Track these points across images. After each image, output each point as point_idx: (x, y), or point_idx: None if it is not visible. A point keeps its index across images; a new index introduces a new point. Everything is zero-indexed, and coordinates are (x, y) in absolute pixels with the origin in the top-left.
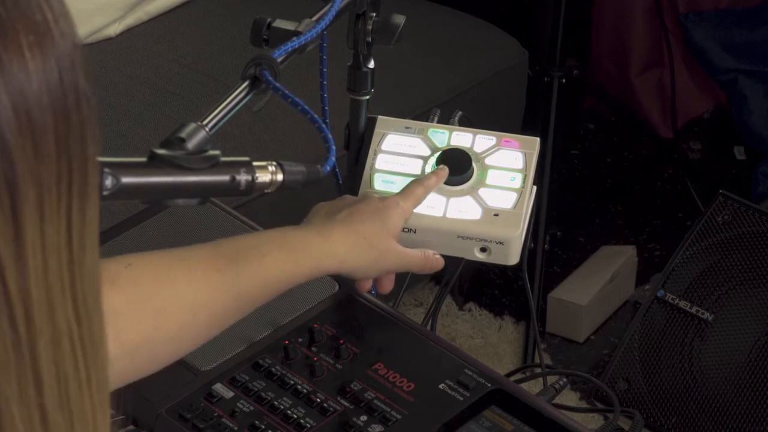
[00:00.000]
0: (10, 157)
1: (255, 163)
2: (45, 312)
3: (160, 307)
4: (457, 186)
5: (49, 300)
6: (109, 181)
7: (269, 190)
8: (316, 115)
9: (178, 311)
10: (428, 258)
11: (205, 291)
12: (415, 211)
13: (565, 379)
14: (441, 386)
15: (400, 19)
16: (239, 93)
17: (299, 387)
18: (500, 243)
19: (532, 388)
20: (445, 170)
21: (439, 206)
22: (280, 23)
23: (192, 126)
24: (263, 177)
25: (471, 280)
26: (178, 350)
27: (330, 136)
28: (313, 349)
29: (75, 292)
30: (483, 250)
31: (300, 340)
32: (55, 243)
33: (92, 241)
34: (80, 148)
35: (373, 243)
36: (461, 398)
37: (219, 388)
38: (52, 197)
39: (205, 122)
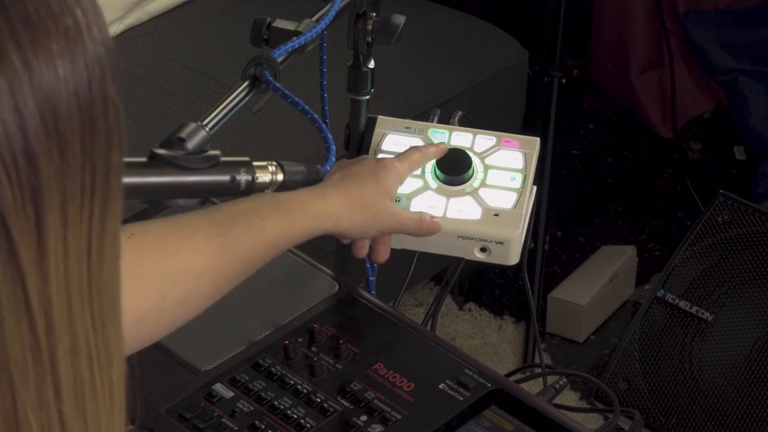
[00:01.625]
0: (36, 164)
1: (255, 163)
2: (65, 319)
3: (165, 276)
4: (457, 186)
5: (69, 307)
6: None
7: (269, 190)
8: (316, 115)
9: (183, 279)
10: (423, 220)
11: (207, 257)
12: (415, 210)
13: (565, 379)
14: (441, 386)
15: (400, 19)
16: (239, 93)
17: (299, 387)
18: (500, 243)
19: (532, 388)
20: (444, 145)
21: (439, 206)
22: (280, 23)
23: (192, 126)
24: (263, 177)
25: (471, 280)
26: (183, 316)
27: (330, 136)
28: (313, 349)
29: (92, 302)
30: (483, 250)
31: (300, 340)
32: (76, 250)
33: (111, 252)
34: (104, 156)
35: (368, 203)
36: (461, 398)
37: (219, 388)
38: (75, 204)
39: (205, 122)
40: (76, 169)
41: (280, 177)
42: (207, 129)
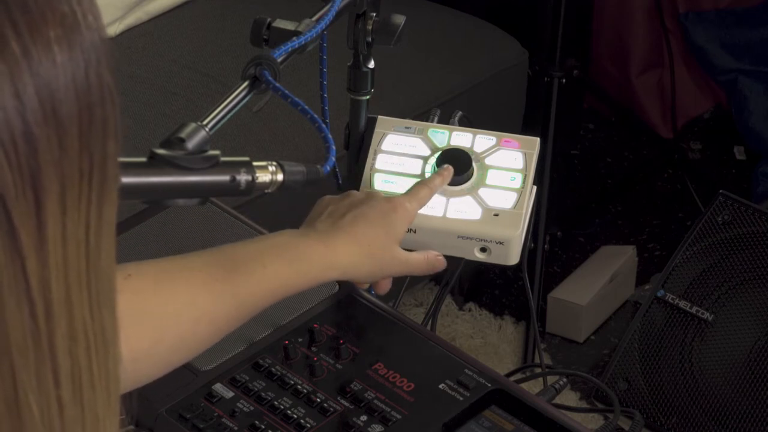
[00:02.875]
0: (35, 148)
1: (255, 163)
2: (64, 305)
3: (161, 320)
4: (457, 186)
5: (67, 294)
6: None
7: (269, 190)
8: (316, 115)
9: (179, 323)
10: (430, 261)
11: (206, 302)
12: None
13: (565, 379)
14: (441, 386)
15: (400, 19)
16: (239, 93)
17: (299, 387)
18: (500, 243)
19: (532, 388)
20: (449, 170)
21: (439, 206)
22: (280, 23)
23: (192, 126)
24: (263, 177)
25: (471, 280)
26: (178, 359)
27: (330, 136)
28: (313, 349)
29: (90, 289)
30: (483, 250)
31: (300, 340)
32: (74, 237)
33: (108, 241)
34: (101, 143)
35: (376, 252)
36: (461, 398)
37: (219, 388)
38: (74, 191)
39: (205, 122)
40: (74, 156)
41: (280, 177)
42: (207, 129)
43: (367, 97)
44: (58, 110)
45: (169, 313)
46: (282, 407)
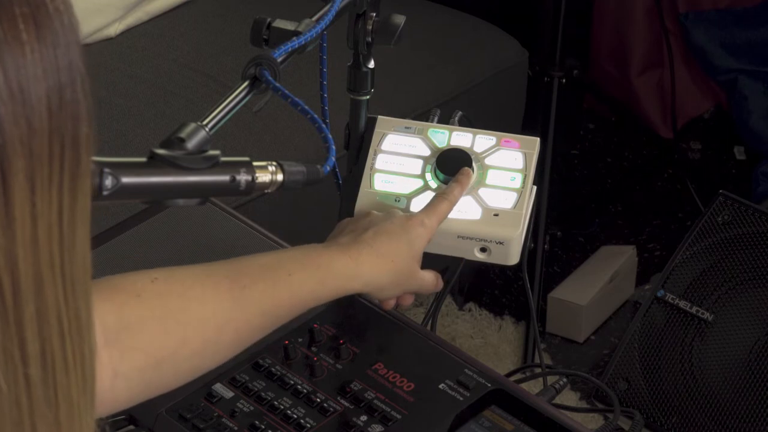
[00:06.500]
0: (1, 125)
1: (255, 163)
2: (32, 285)
3: (186, 324)
4: None
5: (36, 274)
6: (108, 181)
7: (269, 190)
8: (316, 115)
9: (204, 328)
10: (439, 282)
11: (231, 309)
12: (415, 211)
13: (565, 379)
14: (441, 386)
15: (400, 19)
16: (239, 93)
17: (299, 387)
18: (500, 243)
19: (532, 388)
20: (468, 176)
21: None
22: (280, 23)
23: (192, 126)
24: (263, 177)
25: (471, 280)
26: (202, 366)
27: (330, 136)
28: (313, 349)
29: (64, 274)
30: (483, 250)
31: (300, 340)
32: (45, 218)
33: (83, 232)
34: (72, 126)
35: (398, 266)
36: (461, 398)
37: (219, 388)
38: (43, 171)
39: (205, 122)
40: (44, 135)
41: (280, 177)
42: (207, 129)
43: (367, 97)
44: (24, 89)
45: (194, 319)
46: (282, 407)
